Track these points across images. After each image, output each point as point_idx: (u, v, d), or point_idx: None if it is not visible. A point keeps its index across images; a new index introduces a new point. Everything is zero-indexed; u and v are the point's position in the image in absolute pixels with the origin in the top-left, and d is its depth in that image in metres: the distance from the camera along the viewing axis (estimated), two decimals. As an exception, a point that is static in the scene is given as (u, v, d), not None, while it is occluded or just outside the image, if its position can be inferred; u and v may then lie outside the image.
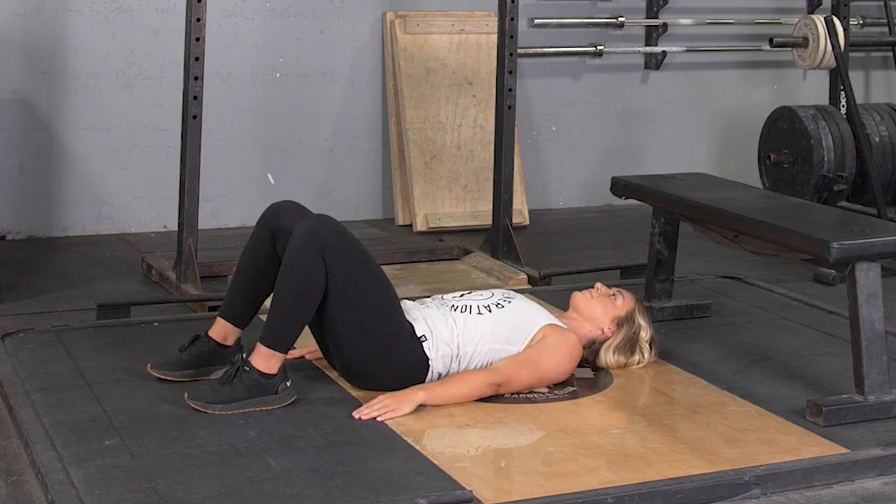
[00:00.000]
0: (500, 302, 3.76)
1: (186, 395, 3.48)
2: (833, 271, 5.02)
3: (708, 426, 3.49)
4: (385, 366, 3.58)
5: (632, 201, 4.58)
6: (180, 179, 4.81)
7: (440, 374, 3.65)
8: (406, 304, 3.72)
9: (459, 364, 3.67)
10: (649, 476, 3.13)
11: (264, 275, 3.67)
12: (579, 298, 3.93)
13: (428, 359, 3.62)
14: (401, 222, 6.24)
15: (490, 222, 5.50)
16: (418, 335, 3.62)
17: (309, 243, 3.46)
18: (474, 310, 3.71)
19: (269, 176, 6.11)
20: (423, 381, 3.62)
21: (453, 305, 3.73)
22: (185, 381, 3.67)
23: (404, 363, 3.60)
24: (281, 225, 3.64)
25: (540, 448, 3.35)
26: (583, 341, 3.84)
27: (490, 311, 3.72)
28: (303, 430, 3.37)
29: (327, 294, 3.50)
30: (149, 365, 3.71)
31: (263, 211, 3.74)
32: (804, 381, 3.87)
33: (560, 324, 3.79)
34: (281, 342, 3.49)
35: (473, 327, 3.67)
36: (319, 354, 3.89)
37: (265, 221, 3.71)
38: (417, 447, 3.27)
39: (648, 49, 6.80)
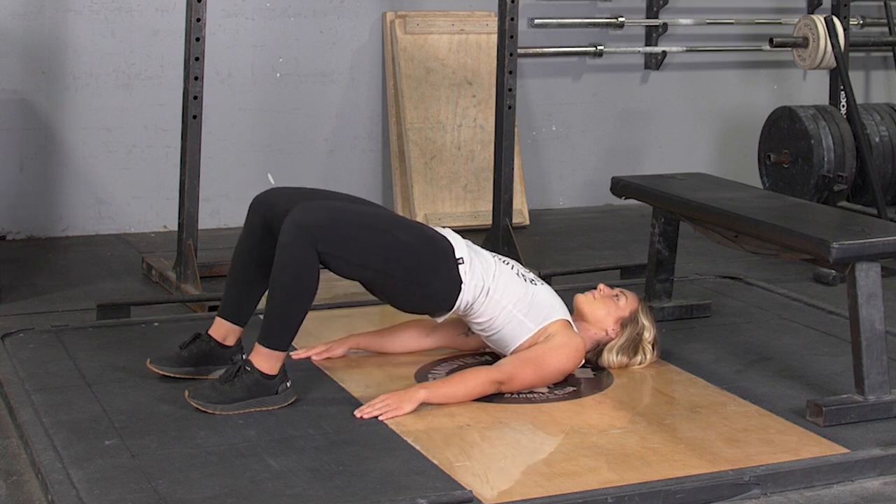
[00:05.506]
0: (535, 280, 3.82)
1: (187, 393, 3.48)
2: (833, 271, 5.02)
3: (708, 426, 3.49)
4: (420, 290, 3.61)
5: (632, 201, 4.58)
6: (180, 179, 4.81)
7: (468, 303, 3.66)
8: (451, 233, 3.74)
9: (486, 300, 3.68)
10: (649, 476, 3.13)
11: (259, 268, 3.65)
12: (582, 300, 3.93)
13: (461, 281, 3.63)
14: (401, 222, 6.24)
15: (490, 222, 5.50)
16: (456, 257, 3.64)
17: (298, 237, 3.42)
18: (514, 269, 3.77)
19: (269, 176, 6.11)
20: (454, 305, 3.65)
21: (497, 255, 3.80)
22: (184, 378, 3.67)
23: (438, 287, 3.62)
24: (274, 212, 3.62)
25: (540, 448, 3.35)
26: (588, 343, 3.84)
27: (525, 280, 3.77)
28: (303, 430, 3.37)
29: (348, 270, 3.51)
30: (148, 360, 3.71)
31: (250, 203, 3.72)
32: (804, 381, 3.87)
33: (572, 324, 3.80)
34: (279, 341, 3.48)
35: (508, 281, 3.72)
36: (324, 355, 3.89)
37: (256, 211, 3.69)
38: (417, 447, 3.27)
39: (648, 49, 6.80)
